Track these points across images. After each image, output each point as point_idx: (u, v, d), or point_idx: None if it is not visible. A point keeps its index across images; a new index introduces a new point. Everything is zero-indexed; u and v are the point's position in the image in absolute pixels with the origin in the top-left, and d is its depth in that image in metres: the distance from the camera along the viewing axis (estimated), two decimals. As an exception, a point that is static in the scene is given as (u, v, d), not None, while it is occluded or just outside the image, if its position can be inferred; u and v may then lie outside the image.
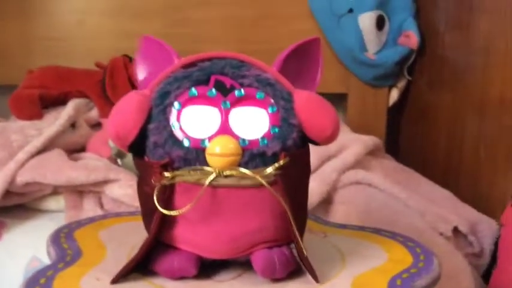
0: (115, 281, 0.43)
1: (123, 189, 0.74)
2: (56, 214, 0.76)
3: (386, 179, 0.80)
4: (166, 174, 0.42)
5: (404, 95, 1.16)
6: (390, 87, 1.15)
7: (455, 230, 0.73)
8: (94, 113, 0.95)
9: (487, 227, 0.74)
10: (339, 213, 0.72)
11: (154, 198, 0.42)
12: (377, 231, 0.55)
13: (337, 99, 1.16)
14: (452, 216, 0.73)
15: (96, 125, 0.95)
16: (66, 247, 0.51)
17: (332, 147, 0.82)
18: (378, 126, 1.14)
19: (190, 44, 1.12)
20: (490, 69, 0.89)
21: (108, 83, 0.94)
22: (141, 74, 0.49)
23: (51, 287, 0.43)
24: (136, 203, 0.72)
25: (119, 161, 0.80)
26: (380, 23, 1.10)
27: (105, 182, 0.75)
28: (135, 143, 0.44)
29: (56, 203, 0.77)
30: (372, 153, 0.90)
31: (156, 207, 0.42)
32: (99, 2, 1.15)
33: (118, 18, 1.15)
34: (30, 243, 0.72)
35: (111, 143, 0.80)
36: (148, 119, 0.44)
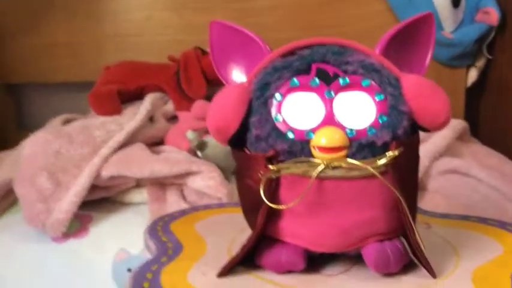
0: (222, 274, 0.43)
1: (205, 181, 0.74)
2: (140, 207, 0.78)
3: (483, 168, 0.76)
4: (272, 167, 0.41)
5: (483, 75, 1.10)
6: (468, 67, 1.09)
7: None
8: (170, 107, 0.96)
9: None
10: (439, 205, 0.69)
11: (261, 191, 0.41)
12: (483, 220, 0.52)
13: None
14: None
15: (172, 118, 0.95)
16: (165, 240, 0.51)
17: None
18: (456, 108, 1.09)
19: (257, 33, 1.11)
20: None
21: (182, 76, 0.94)
22: (220, 62, 0.47)
23: (159, 282, 0.43)
24: (219, 194, 0.73)
25: (198, 153, 0.81)
26: (456, 0, 1.05)
27: (187, 174, 0.75)
28: (234, 136, 0.43)
29: (139, 195, 0.78)
30: (459, 137, 0.85)
31: (262, 200, 0.41)
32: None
33: (183, 12, 1.15)
34: (116, 235, 0.74)
35: (190, 136, 0.81)
36: (249, 112, 0.43)
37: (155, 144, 0.88)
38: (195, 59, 0.94)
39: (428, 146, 0.80)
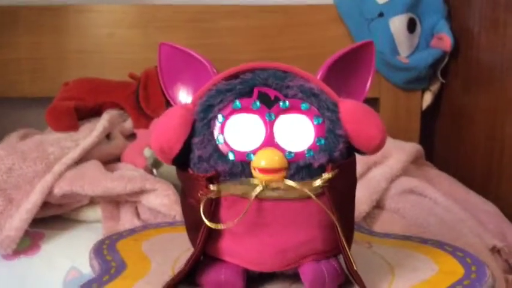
0: (161, 294, 0.43)
1: (160, 199, 0.74)
2: (94, 224, 0.77)
3: (438, 190, 0.78)
4: (212, 187, 0.42)
5: (438, 98, 1.14)
6: (423, 91, 1.13)
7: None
8: (128, 124, 0.95)
9: None
10: (396, 225, 0.70)
11: (201, 211, 0.42)
12: (423, 240, 0.54)
13: (369, 104, 1.13)
14: (496, 241, 0.72)
15: (131, 136, 0.95)
16: (109, 259, 0.51)
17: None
18: (411, 131, 1.12)
19: (218, 54, 1.12)
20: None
21: (141, 94, 0.95)
22: (168, 82, 0.49)
23: (98, 301, 0.43)
24: (173, 213, 0.73)
25: (154, 171, 0.81)
26: (411, 26, 1.09)
27: (142, 192, 0.75)
28: (178, 156, 0.44)
29: (93, 213, 0.78)
30: (414, 161, 0.88)
31: (203, 220, 0.42)
32: (128, 15, 1.16)
33: (146, 30, 1.16)
34: (68, 253, 0.73)
35: (146, 153, 0.81)
36: (192, 133, 0.43)
37: (112, 161, 0.87)
38: (156, 77, 0.95)
39: (385, 168, 0.82)
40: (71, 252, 0.73)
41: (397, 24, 1.08)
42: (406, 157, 0.85)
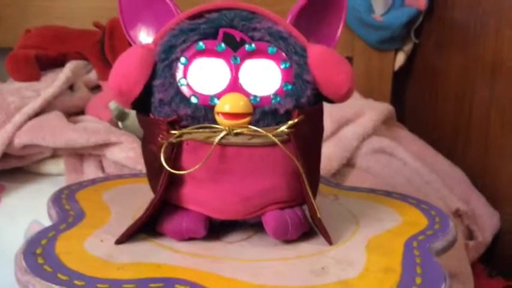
0: (120, 241, 0.42)
1: (125, 152, 0.72)
2: (56, 178, 0.75)
3: (406, 151, 0.79)
4: (174, 132, 0.40)
5: (410, 59, 1.13)
6: (396, 51, 1.12)
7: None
8: (93, 75, 0.92)
9: (489, 220, 0.74)
10: (366, 183, 0.71)
11: (161, 157, 0.40)
12: (388, 193, 0.54)
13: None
14: (460, 204, 0.73)
15: (95, 88, 0.92)
16: (68, 208, 0.49)
17: (348, 111, 0.81)
18: (383, 91, 1.12)
19: (186, 6, 1.09)
20: (502, 30, 0.86)
21: (107, 44, 0.91)
22: (129, 22, 0.46)
23: (53, 249, 0.41)
24: (139, 166, 0.71)
25: (119, 123, 0.78)
26: (387, -17, 1.07)
27: (106, 145, 0.73)
28: (139, 100, 0.42)
29: (55, 166, 0.75)
30: (385, 121, 0.88)
31: (163, 166, 0.40)
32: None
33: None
34: (30, 207, 0.71)
35: (111, 106, 0.78)
36: (153, 75, 0.41)
37: (75, 114, 0.84)
38: (122, 27, 0.91)
39: (357, 127, 0.82)
40: (32, 206, 0.71)
41: (373, -20, 1.06)
42: (377, 116, 0.85)
